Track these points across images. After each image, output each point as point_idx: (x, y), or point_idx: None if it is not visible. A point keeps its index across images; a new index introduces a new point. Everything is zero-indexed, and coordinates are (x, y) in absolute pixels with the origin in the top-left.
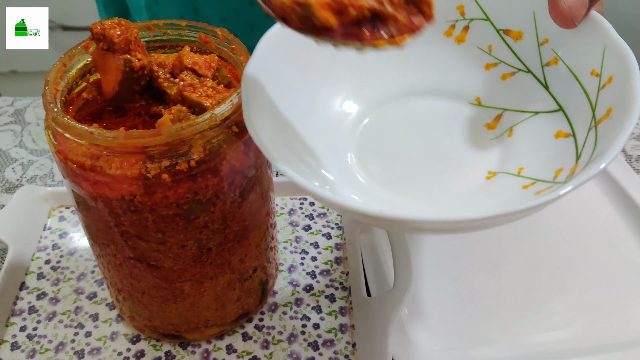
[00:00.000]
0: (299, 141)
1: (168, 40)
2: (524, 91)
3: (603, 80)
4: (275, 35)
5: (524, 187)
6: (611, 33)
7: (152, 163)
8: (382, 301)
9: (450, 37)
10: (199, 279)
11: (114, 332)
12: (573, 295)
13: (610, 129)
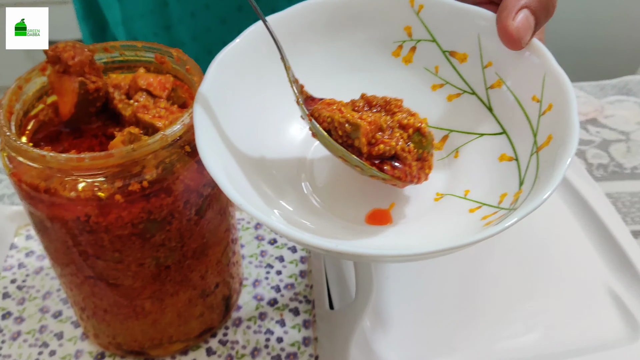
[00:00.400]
0: (254, 170)
1: (125, 61)
2: (469, 113)
3: (543, 106)
4: (226, 57)
5: (471, 211)
6: (551, 61)
7: (105, 184)
8: (344, 314)
9: (398, 57)
10: (159, 296)
11: (78, 350)
12: (535, 303)
13: (551, 157)
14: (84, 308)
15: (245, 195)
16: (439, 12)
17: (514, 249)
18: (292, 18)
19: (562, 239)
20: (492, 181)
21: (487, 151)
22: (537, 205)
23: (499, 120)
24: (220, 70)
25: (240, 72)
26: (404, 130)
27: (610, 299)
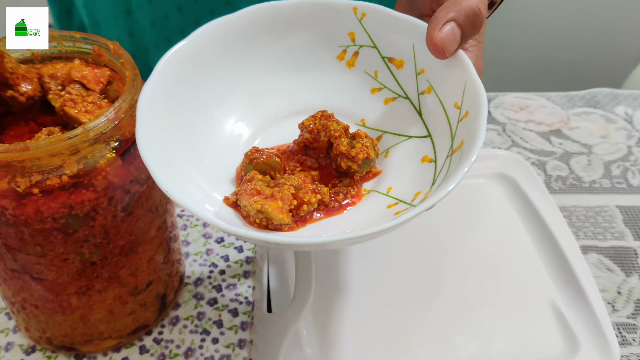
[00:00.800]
0: (192, 164)
1: (64, 52)
2: (402, 116)
3: (462, 113)
4: (174, 56)
5: (388, 207)
6: (471, 71)
7: (22, 177)
8: (280, 317)
9: (342, 61)
10: (85, 291)
11: (9, 343)
12: (477, 314)
13: (457, 162)
14: (13, 302)
15: (179, 188)
16: (379, 20)
17: (462, 257)
18: (244, 19)
19: (512, 251)
20: (411, 180)
21: (412, 152)
22: (428, 207)
23: (426, 124)
24: (167, 68)
25: (186, 70)
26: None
27: (553, 314)
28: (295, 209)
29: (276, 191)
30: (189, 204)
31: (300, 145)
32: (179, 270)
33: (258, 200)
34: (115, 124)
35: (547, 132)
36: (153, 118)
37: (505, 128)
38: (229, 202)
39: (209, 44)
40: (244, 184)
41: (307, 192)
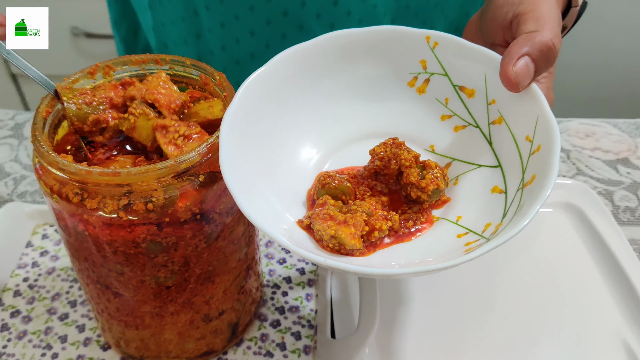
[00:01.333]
0: (266, 185)
1: (172, 75)
2: (472, 144)
3: (534, 147)
4: (252, 83)
5: (458, 236)
6: (544, 105)
7: (111, 199)
8: (344, 344)
9: (413, 87)
10: (159, 312)
11: (79, 356)
12: (542, 348)
13: (530, 196)
14: (97, 304)
15: (255, 208)
16: (452, 49)
17: (527, 290)
18: (320, 46)
19: (579, 283)
20: (481, 210)
21: (482, 182)
22: (501, 243)
23: (496, 154)
24: (246, 93)
25: (263, 96)
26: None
27: (624, 351)
28: (367, 235)
29: (349, 217)
30: (265, 226)
31: (370, 172)
32: (255, 299)
33: (331, 225)
34: (206, 158)
35: (614, 161)
36: (233, 141)
37: (569, 155)
38: (303, 225)
39: (285, 71)
40: (316, 207)
41: (378, 219)
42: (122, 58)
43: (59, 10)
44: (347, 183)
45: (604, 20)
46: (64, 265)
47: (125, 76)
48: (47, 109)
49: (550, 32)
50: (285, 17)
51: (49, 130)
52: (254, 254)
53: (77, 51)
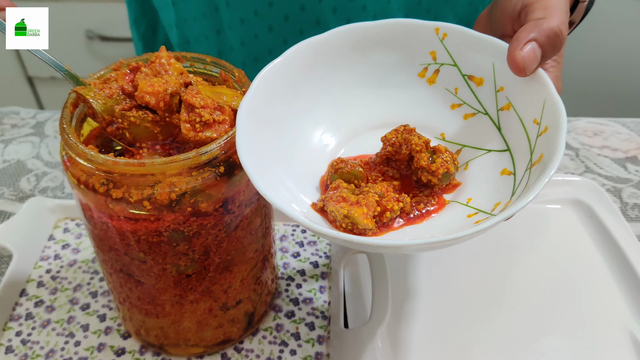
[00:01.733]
0: (283, 169)
1: (192, 72)
2: (481, 131)
3: (541, 128)
4: (269, 72)
5: (469, 216)
6: (551, 88)
7: (136, 189)
8: (357, 334)
9: (423, 78)
10: (179, 300)
11: (101, 344)
12: (550, 340)
13: (537, 174)
14: (117, 295)
15: (272, 189)
16: (460, 40)
17: (535, 284)
18: (334, 39)
19: (587, 278)
20: (490, 192)
21: (491, 165)
22: (508, 215)
23: (505, 139)
24: (263, 83)
25: (279, 86)
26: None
27: (632, 344)
28: (379, 216)
29: (361, 198)
30: (281, 204)
31: (382, 158)
32: (271, 290)
33: (344, 206)
34: (226, 151)
35: (622, 159)
36: (250, 128)
37: (578, 153)
38: (317, 208)
39: (300, 62)
40: (329, 191)
41: (389, 200)
42: (145, 55)
43: (73, 14)
44: (360, 168)
45: (613, 20)
46: (85, 257)
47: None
48: (74, 102)
49: (558, 19)
50: (302, 12)
51: (75, 123)
52: (270, 246)
53: (91, 54)
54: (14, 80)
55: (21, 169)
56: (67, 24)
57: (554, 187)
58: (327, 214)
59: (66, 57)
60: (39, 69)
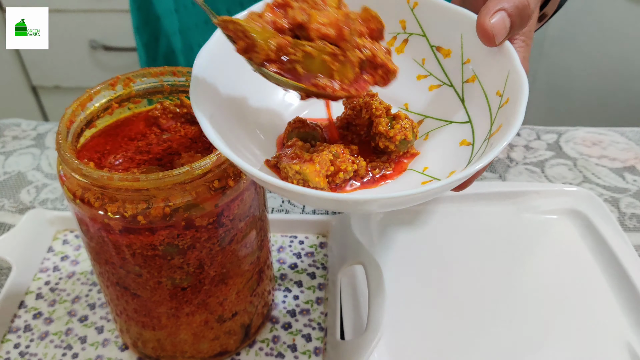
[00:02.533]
0: (241, 125)
1: (189, 86)
2: (445, 102)
3: (503, 100)
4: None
5: (422, 183)
6: (515, 61)
7: (131, 204)
8: (353, 345)
9: (391, 47)
10: (175, 313)
11: (98, 356)
12: (547, 352)
13: (494, 143)
14: (116, 306)
15: (231, 147)
16: (430, 10)
17: (533, 295)
18: None
19: (584, 289)
20: (447, 161)
21: (451, 137)
22: (454, 180)
23: (467, 111)
24: (223, 38)
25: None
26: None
27: (629, 356)
28: (332, 176)
29: (315, 156)
30: (233, 156)
31: (342, 122)
32: (267, 302)
33: (297, 162)
34: (219, 165)
35: (620, 169)
36: (208, 83)
37: (576, 163)
38: (270, 164)
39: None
40: (285, 148)
41: (344, 161)
42: (141, 70)
43: (77, 24)
44: (318, 129)
45: (611, 28)
46: (84, 269)
47: (143, 88)
48: (71, 118)
49: None
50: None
51: (72, 138)
52: (265, 258)
53: (95, 63)
54: (17, 90)
55: (21, 181)
56: (71, 34)
57: (551, 197)
58: (280, 170)
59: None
60: (43, 79)
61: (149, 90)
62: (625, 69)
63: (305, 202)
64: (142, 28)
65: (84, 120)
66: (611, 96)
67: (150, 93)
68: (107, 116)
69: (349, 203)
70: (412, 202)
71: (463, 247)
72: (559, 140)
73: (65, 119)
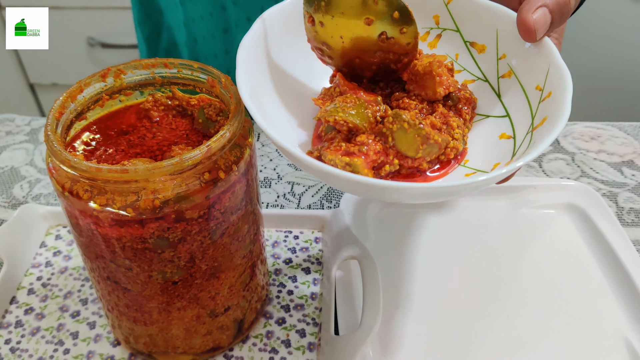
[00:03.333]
0: (284, 107)
1: (181, 78)
2: (480, 97)
3: (544, 94)
4: (271, 15)
5: (466, 175)
6: (556, 56)
7: (120, 196)
8: (347, 341)
9: (425, 42)
10: (166, 307)
11: (90, 352)
12: (544, 348)
13: (542, 134)
14: (107, 301)
15: (275, 130)
16: (465, 5)
17: (529, 290)
18: None
19: (582, 285)
20: (489, 154)
21: (490, 130)
22: (510, 170)
23: (505, 106)
24: (264, 24)
25: (281, 28)
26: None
27: (627, 352)
28: (377, 169)
29: (362, 148)
30: (284, 143)
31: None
32: (261, 297)
33: (344, 154)
34: (210, 157)
35: (619, 163)
36: (251, 66)
37: (574, 158)
38: (313, 156)
39: (302, 8)
40: (325, 141)
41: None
42: (133, 62)
43: (75, 21)
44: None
45: (610, 22)
46: (76, 264)
47: (135, 79)
48: (60, 110)
49: None
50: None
51: (61, 130)
52: (259, 252)
53: (92, 61)
54: (15, 87)
55: (15, 176)
56: (69, 31)
57: (548, 192)
58: (325, 162)
59: (67, 64)
60: (41, 76)
61: (140, 82)
62: (623, 62)
63: (361, 191)
64: (144, 22)
65: (73, 112)
66: (610, 90)
67: (142, 85)
68: (97, 108)
69: (405, 190)
70: (460, 193)
71: (459, 242)
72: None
73: (55, 110)
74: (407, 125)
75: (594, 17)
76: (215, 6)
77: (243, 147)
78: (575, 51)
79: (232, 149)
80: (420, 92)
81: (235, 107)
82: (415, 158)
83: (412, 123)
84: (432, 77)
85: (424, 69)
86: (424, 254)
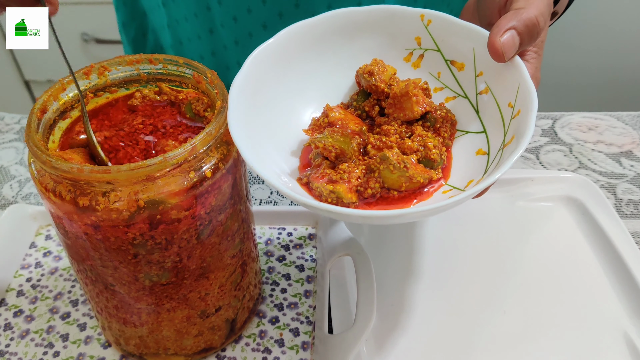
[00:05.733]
0: (273, 145)
1: (167, 74)
2: (461, 113)
3: (514, 111)
4: (260, 53)
5: (444, 192)
6: (524, 75)
7: (102, 197)
8: (341, 339)
9: (408, 62)
10: (155, 309)
11: (80, 354)
12: (542, 342)
13: (508, 153)
14: (96, 303)
15: (262, 165)
16: (444, 26)
17: (527, 284)
18: (323, 23)
19: (580, 277)
20: (465, 171)
21: (468, 146)
22: (476, 191)
23: (482, 121)
24: (255, 62)
25: (270, 66)
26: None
27: (625, 345)
28: (361, 193)
29: (344, 176)
30: (270, 178)
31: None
32: (254, 296)
33: (328, 182)
34: (195, 155)
35: (617, 154)
36: (242, 106)
37: (572, 149)
38: (302, 183)
39: (291, 44)
40: (313, 168)
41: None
42: (116, 58)
43: (69, 17)
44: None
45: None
46: (66, 265)
47: (120, 76)
48: (42, 109)
49: (536, 10)
50: (297, 9)
51: (43, 130)
52: (250, 251)
53: (87, 56)
54: (10, 84)
55: (4, 175)
56: (63, 26)
57: (546, 184)
58: (312, 189)
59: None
60: (36, 73)
61: (125, 79)
62: (621, 51)
63: (344, 219)
64: (129, 24)
65: (57, 111)
66: (607, 80)
67: (127, 82)
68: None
69: (383, 218)
70: (441, 212)
71: (455, 236)
72: (554, 125)
73: (36, 110)
74: (392, 168)
75: (591, 5)
76: (200, 6)
77: (230, 144)
78: (572, 40)
79: (218, 147)
80: (400, 115)
81: (221, 103)
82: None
83: (398, 167)
84: (408, 97)
85: (401, 91)
86: (419, 250)
